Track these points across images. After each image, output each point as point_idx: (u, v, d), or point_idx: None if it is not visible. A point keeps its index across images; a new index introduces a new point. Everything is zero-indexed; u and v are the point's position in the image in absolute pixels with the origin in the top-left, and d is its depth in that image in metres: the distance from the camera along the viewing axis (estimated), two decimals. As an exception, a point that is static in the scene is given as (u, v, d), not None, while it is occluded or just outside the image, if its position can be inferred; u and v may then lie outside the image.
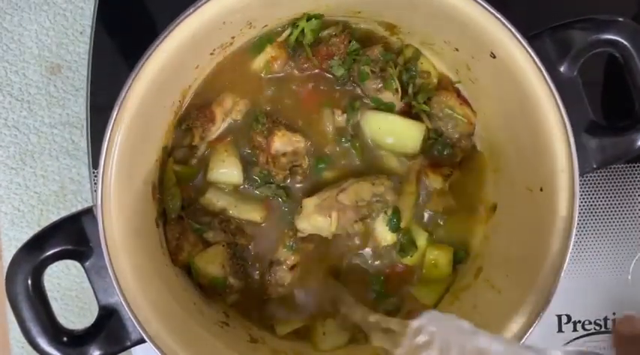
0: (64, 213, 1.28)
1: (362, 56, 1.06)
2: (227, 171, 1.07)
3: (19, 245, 0.92)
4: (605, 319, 1.25)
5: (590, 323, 1.25)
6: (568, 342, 1.25)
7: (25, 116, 1.30)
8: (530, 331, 0.93)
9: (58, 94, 1.30)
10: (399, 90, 1.08)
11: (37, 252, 0.91)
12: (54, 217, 1.29)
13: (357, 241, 1.10)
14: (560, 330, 1.25)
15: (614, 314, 1.25)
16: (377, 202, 1.06)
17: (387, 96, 1.08)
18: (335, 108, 1.09)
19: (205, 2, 0.89)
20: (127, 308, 0.88)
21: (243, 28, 1.01)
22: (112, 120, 0.88)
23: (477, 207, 1.11)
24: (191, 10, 0.89)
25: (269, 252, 1.10)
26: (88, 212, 0.93)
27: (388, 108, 1.09)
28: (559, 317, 1.25)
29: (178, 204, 1.05)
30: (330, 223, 1.04)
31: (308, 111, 1.10)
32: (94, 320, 0.95)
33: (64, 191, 1.30)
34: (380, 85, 1.07)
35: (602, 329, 1.25)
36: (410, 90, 1.09)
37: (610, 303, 1.25)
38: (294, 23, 1.06)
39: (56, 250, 0.91)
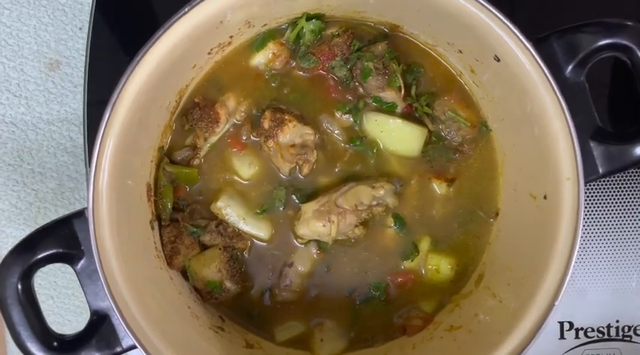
0: (61, 211, 1.28)
1: (366, 52, 1.04)
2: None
3: (17, 242, 0.91)
4: (608, 327, 1.23)
5: (592, 330, 1.23)
6: (570, 350, 1.23)
7: (23, 112, 1.28)
8: (532, 342, 0.91)
9: (57, 91, 1.29)
10: (402, 88, 1.05)
11: (27, 255, 0.89)
12: (51, 214, 1.28)
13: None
14: (562, 337, 1.23)
15: (617, 321, 1.23)
16: (377, 206, 1.04)
17: (390, 96, 1.06)
18: (339, 109, 1.07)
19: (201, 0, 0.87)
20: (117, 314, 0.87)
21: (241, 27, 1.00)
22: (105, 121, 0.86)
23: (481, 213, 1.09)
24: (186, 9, 0.87)
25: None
26: (80, 214, 0.91)
27: (390, 108, 1.07)
28: (561, 323, 1.23)
29: (169, 204, 1.03)
30: (329, 228, 1.02)
31: (313, 110, 1.07)
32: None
33: (61, 188, 1.29)
34: (382, 83, 1.04)
35: (605, 336, 1.23)
36: (413, 92, 1.07)
37: (614, 311, 1.23)
38: (294, 22, 1.04)
39: (47, 253, 0.90)
